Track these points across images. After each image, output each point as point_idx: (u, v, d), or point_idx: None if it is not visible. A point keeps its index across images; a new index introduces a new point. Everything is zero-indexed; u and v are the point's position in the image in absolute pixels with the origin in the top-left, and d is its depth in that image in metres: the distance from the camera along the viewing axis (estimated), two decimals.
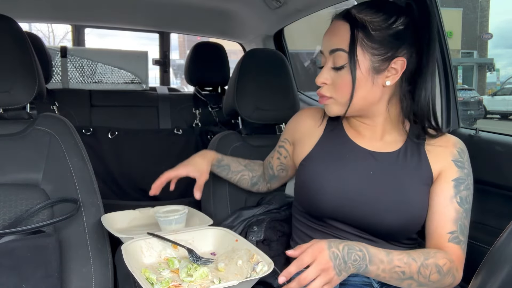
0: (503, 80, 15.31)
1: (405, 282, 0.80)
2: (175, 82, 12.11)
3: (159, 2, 1.96)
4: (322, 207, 0.92)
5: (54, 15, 2.20)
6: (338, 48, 0.88)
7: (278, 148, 1.15)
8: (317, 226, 0.97)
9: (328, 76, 0.91)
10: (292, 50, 2.44)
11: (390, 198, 0.89)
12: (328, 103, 0.93)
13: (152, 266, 0.86)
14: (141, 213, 1.12)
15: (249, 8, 1.93)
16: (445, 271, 0.81)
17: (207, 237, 0.96)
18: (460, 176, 0.91)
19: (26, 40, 1.06)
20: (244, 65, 1.39)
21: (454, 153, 0.93)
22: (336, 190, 0.92)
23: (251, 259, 0.83)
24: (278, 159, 1.15)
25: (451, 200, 0.89)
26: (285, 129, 1.15)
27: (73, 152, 1.09)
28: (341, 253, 0.75)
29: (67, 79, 2.06)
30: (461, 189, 0.90)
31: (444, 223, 0.88)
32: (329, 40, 0.91)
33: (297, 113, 1.13)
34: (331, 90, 0.91)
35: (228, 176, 1.21)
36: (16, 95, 1.03)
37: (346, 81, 0.88)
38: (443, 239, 0.87)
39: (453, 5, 15.64)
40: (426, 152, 0.94)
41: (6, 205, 0.99)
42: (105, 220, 1.02)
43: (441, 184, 0.91)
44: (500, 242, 0.47)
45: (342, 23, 0.89)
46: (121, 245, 0.88)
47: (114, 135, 1.91)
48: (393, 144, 0.96)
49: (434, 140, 0.95)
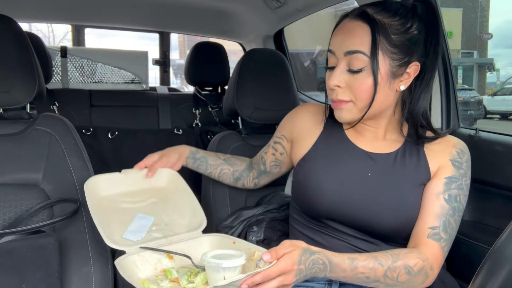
0: (503, 80, 15.32)
1: (372, 284, 0.81)
2: (175, 82, 12.12)
3: (159, 2, 1.96)
4: (319, 207, 0.92)
5: (54, 15, 2.20)
6: (357, 50, 0.84)
7: (273, 144, 1.11)
8: (315, 226, 0.97)
9: (342, 78, 0.86)
10: (292, 50, 2.44)
11: (387, 199, 0.89)
12: (346, 108, 0.89)
13: (149, 280, 0.84)
14: (127, 177, 1.06)
15: (249, 8, 1.93)
16: (415, 271, 0.81)
17: (203, 244, 0.94)
18: (454, 175, 0.90)
19: (26, 40, 1.06)
20: (244, 65, 1.39)
21: (453, 153, 0.92)
22: (333, 190, 0.91)
23: (253, 257, 0.82)
24: (273, 155, 1.11)
25: (437, 196, 0.88)
26: (282, 125, 1.10)
27: (73, 152, 1.09)
28: (306, 268, 0.74)
29: (67, 79, 2.06)
30: (451, 187, 0.89)
31: (426, 218, 0.87)
32: (344, 41, 0.86)
33: (295, 109, 1.09)
34: (348, 93, 0.87)
35: (208, 172, 1.18)
36: (16, 95, 1.03)
37: (366, 85, 0.85)
38: (422, 234, 0.86)
39: (453, 5, 15.64)
40: (425, 152, 0.93)
41: (6, 205, 0.99)
42: (88, 186, 0.96)
43: (433, 180, 0.90)
44: (500, 242, 0.47)
45: (359, 24, 0.85)
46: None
47: (114, 135, 1.91)
48: (391, 145, 0.95)
49: (434, 142, 0.94)
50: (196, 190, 1.58)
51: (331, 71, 0.89)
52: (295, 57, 2.62)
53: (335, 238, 0.93)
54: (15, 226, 0.95)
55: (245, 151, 1.34)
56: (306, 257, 0.75)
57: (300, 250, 0.74)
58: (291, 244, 0.76)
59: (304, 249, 0.75)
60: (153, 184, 1.08)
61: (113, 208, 0.99)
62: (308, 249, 0.76)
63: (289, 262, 0.72)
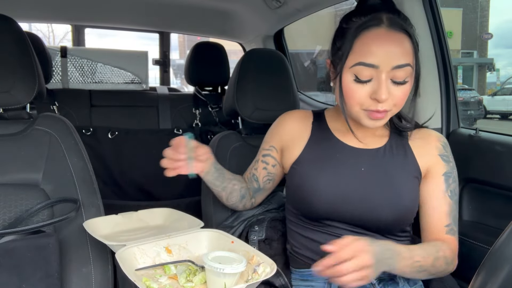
0: (503, 80, 15.31)
1: (420, 273, 0.86)
2: (175, 82, 12.11)
3: (159, 2, 1.97)
4: (318, 208, 0.93)
5: (54, 15, 2.20)
6: (407, 64, 0.84)
7: (262, 157, 1.08)
8: (313, 227, 0.97)
9: (388, 90, 0.84)
10: (292, 50, 2.44)
11: (383, 192, 0.92)
12: (385, 117, 0.88)
13: (148, 273, 0.84)
14: (124, 218, 1.05)
15: (249, 8, 1.93)
16: (449, 260, 0.90)
17: (201, 240, 0.93)
18: (448, 170, 0.96)
19: (26, 40, 1.06)
20: (244, 65, 1.38)
21: (439, 147, 0.97)
22: (330, 190, 0.92)
23: (251, 261, 0.82)
24: (265, 169, 1.08)
25: (444, 194, 0.94)
26: (269, 136, 1.08)
27: (73, 152, 1.08)
28: (380, 250, 0.77)
29: (67, 79, 2.06)
30: (450, 182, 0.95)
31: (440, 217, 0.94)
32: (393, 53, 0.83)
33: (280, 118, 1.08)
34: (389, 103, 0.86)
35: (223, 185, 1.07)
36: (16, 95, 1.03)
37: (405, 95, 0.87)
38: (441, 232, 0.93)
39: (453, 5, 15.65)
40: (410, 146, 0.97)
41: (6, 205, 0.99)
42: (88, 226, 0.96)
43: (433, 179, 0.95)
44: (500, 242, 0.47)
45: (402, 36, 0.84)
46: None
47: (114, 135, 1.91)
48: (379, 140, 0.98)
49: (416, 134, 0.99)
50: (195, 191, 1.59)
51: (365, 84, 0.85)
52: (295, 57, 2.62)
53: (334, 236, 0.94)
54: (15, 226, 0.95)
55: (245, 151, 1.34)
56: (373, 242, 0.77)
57: (365, 239, 0.76)
58: (352, 237, 0.77)
59: (366, 238, 0.77)
60: (150, 223, 1.07)
61: (113, 240, 0.98)
62: (367, 238, 0.78)
63: (360, 243, 0.74)
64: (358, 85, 0.85)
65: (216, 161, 1.06)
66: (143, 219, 1.07)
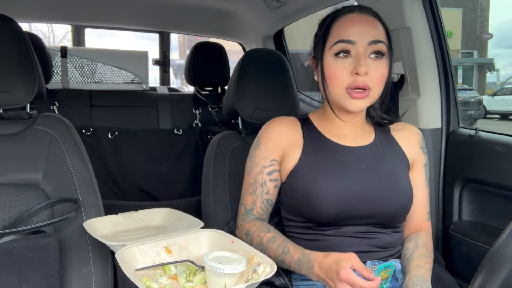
0: (503, 80, 15.31)
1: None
2: (175, 82, 12.11)
3: (159, 2, 1.97)
4: (328, 212, 0.92)
5: (54, 15, 2.20)
6: (381, 40, 0.91)
7: (268, 176, 1.01)
8: (318, 231, 0.95)
9: (367, 65, 0.90)
10: (292, 50, 2.44)
11: (388, 185, 0.94)
12: (367, 98, 0.91)
13: (148, 273, 0.84)
14: (124, 218, 1.05)
15: (249, 8, 1.93)
16: (431, 247, 1.01)
17: (201, 240, 0.93)
18: (426, 161, 1.05)
19: (26, 40, 1.06)
20: (244, 65, 1.38)
21: (420, 140, 1.05)
22: (340, 192, 0.92)
23: (251, 261, 0.82)
24: (276, 187, 1.02)
25: (424, 184, 1.04)
26: (267, 151, 1.02)
27: (73, 152, 1.08)
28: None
29: (67, 79, 2.06)
30: (427, 172, 1.05)
31: (423, 205, 1.03)
32: (368, 31, 0.91)
33: (270, 128, 1.04)
34: (370, 80, 0.90)
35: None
36: (16, 95, 1.03)
37: (383, 73, 0.92)
38: (423, 220, 1.03)
39: (453, 5, 15.64)
40: (395, 138, 1.03)
41: (6, 205, 0.99)
42: (88, 226, 0.96)
43: (417, 171, 1.03)
44: (500, 242, 0.47)
45: (373, 19, 0.93)
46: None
47: (114, 135, 1.91)
48: (368, 136, 1.02)
49: (395, 127, 1.05)
50: (195, 191, 1.59)
51: (345, 59, 0.91)
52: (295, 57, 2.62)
53: (339, 236, 0.94)
54: (15, 226, 0.95)
55: (245, 151, 1.34)
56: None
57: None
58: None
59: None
60: (150, 223, 1.07)
61: (112, 240, 0.98)
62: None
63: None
64: (339, 63, 0.91)
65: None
66: (143, 219, 1.07)
